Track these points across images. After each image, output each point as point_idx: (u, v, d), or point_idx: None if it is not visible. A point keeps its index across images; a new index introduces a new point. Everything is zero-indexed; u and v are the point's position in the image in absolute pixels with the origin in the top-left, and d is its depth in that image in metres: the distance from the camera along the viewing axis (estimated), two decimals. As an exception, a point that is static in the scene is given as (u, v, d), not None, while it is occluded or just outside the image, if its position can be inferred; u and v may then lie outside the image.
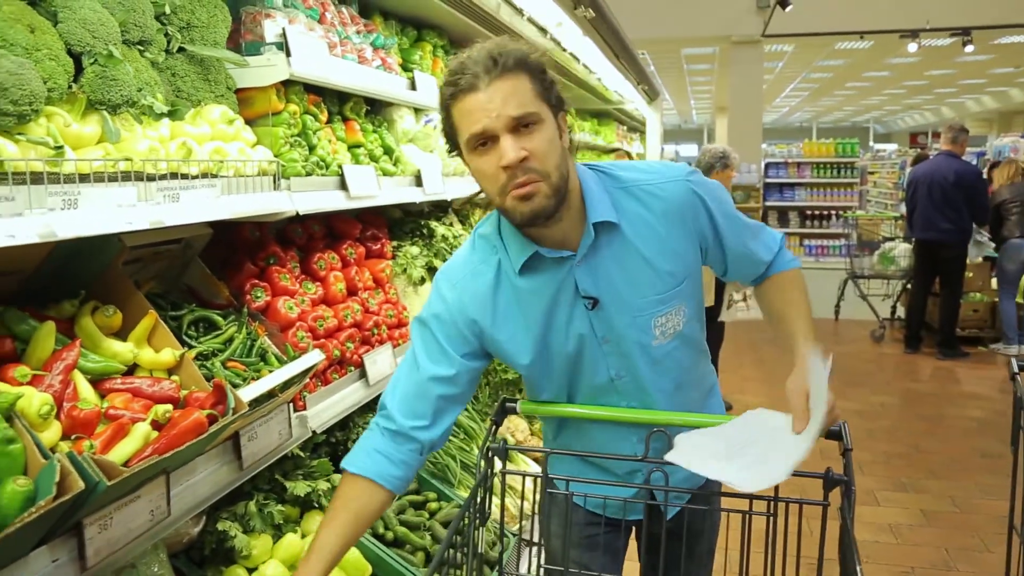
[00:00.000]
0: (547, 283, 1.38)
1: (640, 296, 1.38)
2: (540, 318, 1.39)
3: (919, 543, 3.58)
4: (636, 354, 1.42)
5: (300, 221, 2.21)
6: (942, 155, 6.85)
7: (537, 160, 1.24)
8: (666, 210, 1.38)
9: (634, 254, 1.37)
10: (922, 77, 19.11)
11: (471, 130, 1.24)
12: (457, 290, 1.42)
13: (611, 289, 1.38)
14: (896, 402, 5.81)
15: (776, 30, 11.00)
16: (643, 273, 1.38)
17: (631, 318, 1.39)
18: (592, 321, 1.39)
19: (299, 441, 1.83)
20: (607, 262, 1.37)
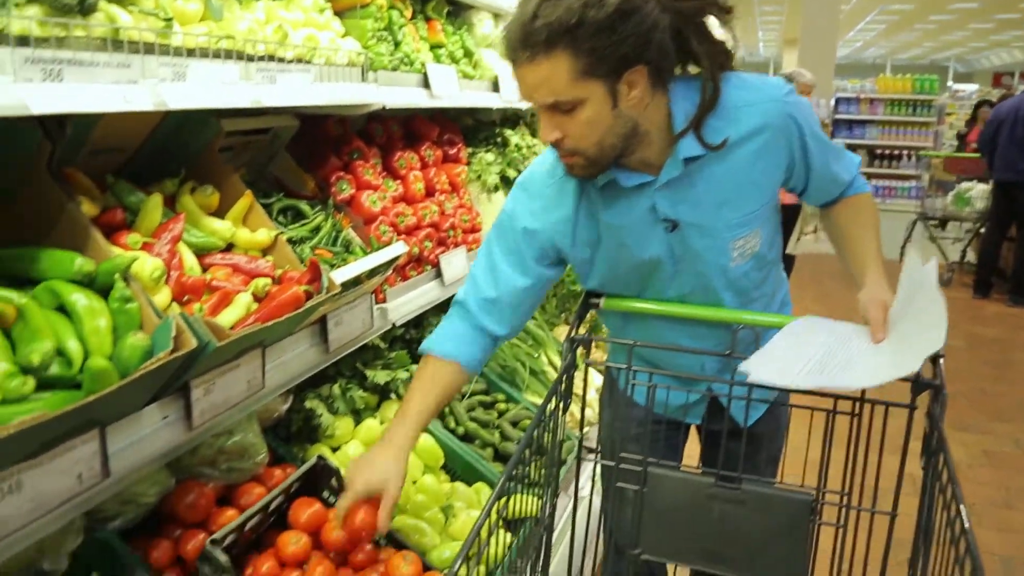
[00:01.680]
0: (627, 203, 1.35)
1: (721, 220, 1.35)
2: (617, 236, 1.38)
3: (980, 482, 3.55)
4: (712, 274, 1.40)
5: (380, 120, 2.22)
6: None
7: (572, 141, 1.22)
8: (760, 133, 1.32)
9: (718, 179, 1.32)
10: (1015, 9, 17.94)
11: (524, 93, 1.22)
12: (539, 200, 1.40)
13: (692, 213, 1.34)
14: (962, 345, 5.68)
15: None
16: (726, 198, 1.34)
17: (710, 241, 1.36)
18: (670, 242, 1.37)
19: (379, 332, 1.89)
20: (690, 187, 1.32)
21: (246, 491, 1.60)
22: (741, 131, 1.30)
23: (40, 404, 1.00)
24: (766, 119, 1.31)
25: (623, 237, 1.37)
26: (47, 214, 1.26)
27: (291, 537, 1.56)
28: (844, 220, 1.49)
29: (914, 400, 1.33)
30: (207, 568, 1.40)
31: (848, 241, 1.46)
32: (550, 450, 1.36)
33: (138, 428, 1.22)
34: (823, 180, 1.47)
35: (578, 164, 1.27)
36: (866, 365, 1.25)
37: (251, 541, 1.62)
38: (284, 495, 1.56)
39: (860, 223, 1.46)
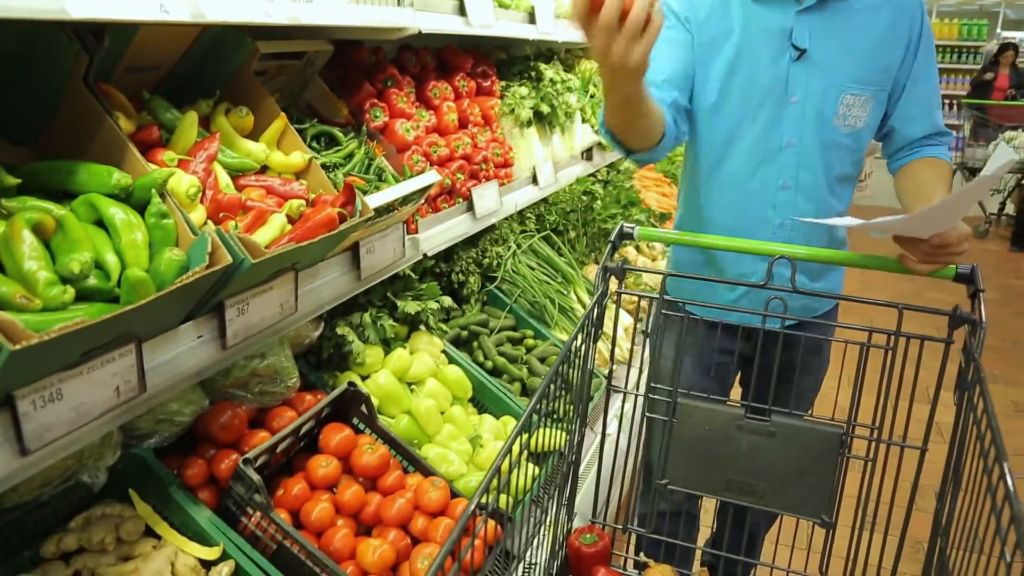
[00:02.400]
0: (768, 18, 1.44)
1: (842, 66, 1.44)
2: (745, 45, 1.45)
3: (1008, 431, 3.51)
4: (813, 125, 1.47)
5: (413, 50, 2.18)
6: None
7: None
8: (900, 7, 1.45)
9: (852, 28, 1.43)
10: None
11: None
12: None
13: (820, 47, 1.43)
14: (996, 297, 5.59)
15: None
16: (856, 44, 1.44)
17: (827, 83, 1.44)
18: (790, 74, 1.45)
19: (411, 262, 1.89)
20: (827, 23, 1.43)
21: (278, 414, 1.63)
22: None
23: (79, 312, 1.02)
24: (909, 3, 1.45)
25: (746, 51, 1.45)
26: (85, 128, 1.26)
27: (321, 460, 1.59)
28: (925, 177, 1.48)
29: (951, 334, 1.31)
30: (240, 487, 1.44)
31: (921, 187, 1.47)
32: (578, 384, 1.36)
33: (174, 345, 1.24)
34: (920, 100, 1.51)
35: None
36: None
37: (282, 464, 1.65)
38: (315, 420, 1.58)
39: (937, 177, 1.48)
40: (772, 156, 1.50)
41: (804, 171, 1.51)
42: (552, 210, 2.77)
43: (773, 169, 1.51)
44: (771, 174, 1.51)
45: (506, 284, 2.41)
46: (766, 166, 1.51)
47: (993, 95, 9.35)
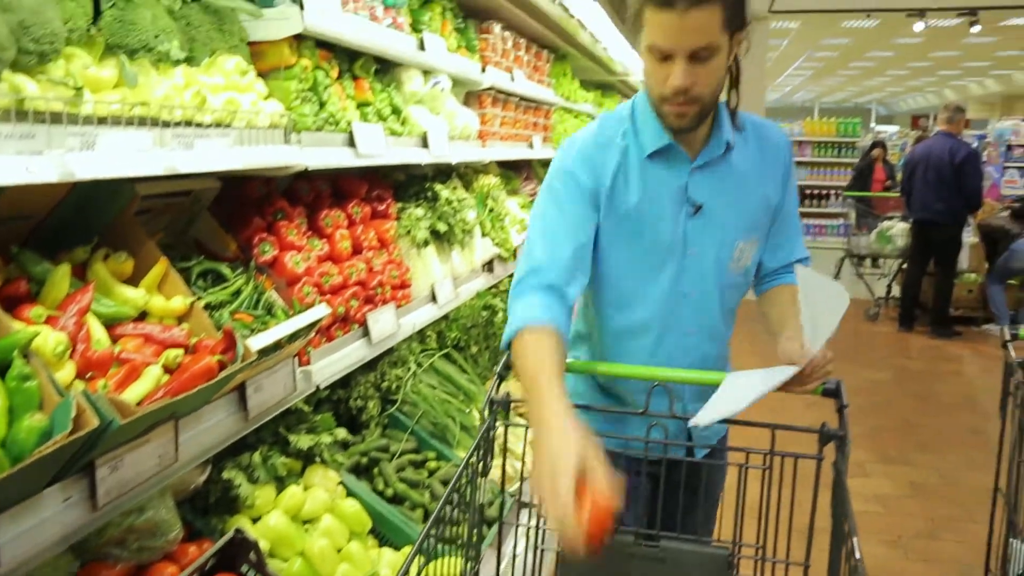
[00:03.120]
0: (662, 179, 1.48)
1: (735, 216, 1.51)
2: (643, 212, 1.48)
3: (906, 513, 3.65)
4: (712, 272, 1.53)
5: (307, 179, 2.22)
6: (938, 135, 6.85)
7: (700, 88, 1.34)
8: (772, 152, 1.55)
9: (740, 177, 1.50)
10: (926, 58, 18.99)
11: (655, 41, 1.32)
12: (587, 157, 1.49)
13: (715, 200, 1.49)
14: (888, 378, 5.87)
15: (782, 7, 10.91)
16: (742, 196, 1.51)
17: (722, 234, 1.51)
18: (687, 228, 1.49)
19: (303, 395, 1.86)
20: (719, 177, 1.49)
21: (158, 571, 1.54)
22: (760, 145, 1.54)
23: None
24: (777, 142, 1.56)
25: (648, 213, 1.48)
26: (-57, 290, 1.22)
27: (208, 615, 1.50)
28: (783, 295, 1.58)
29: (821, 450, 1.37)
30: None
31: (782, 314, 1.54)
32: (469, 520, 1.35)
33: (36, 512, 1.17)
34: (782, 237, 1.61)
35: (692, 112, 1.38)
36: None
37: (166, 621, 1.56)
38: (199, 573, 1.51)
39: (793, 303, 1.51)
40: (676, 304, 1.54)
41: (706, 316, 1.56)
42: (453, 327, 2.80)
43: (677, 316, 1.54)
44: (676, 321, 1.54)
45: (407, 406, 2.39)
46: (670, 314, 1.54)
47: (873, 187, 10.12)
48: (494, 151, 3.25)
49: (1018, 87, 21.78)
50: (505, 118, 3.50)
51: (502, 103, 3.43)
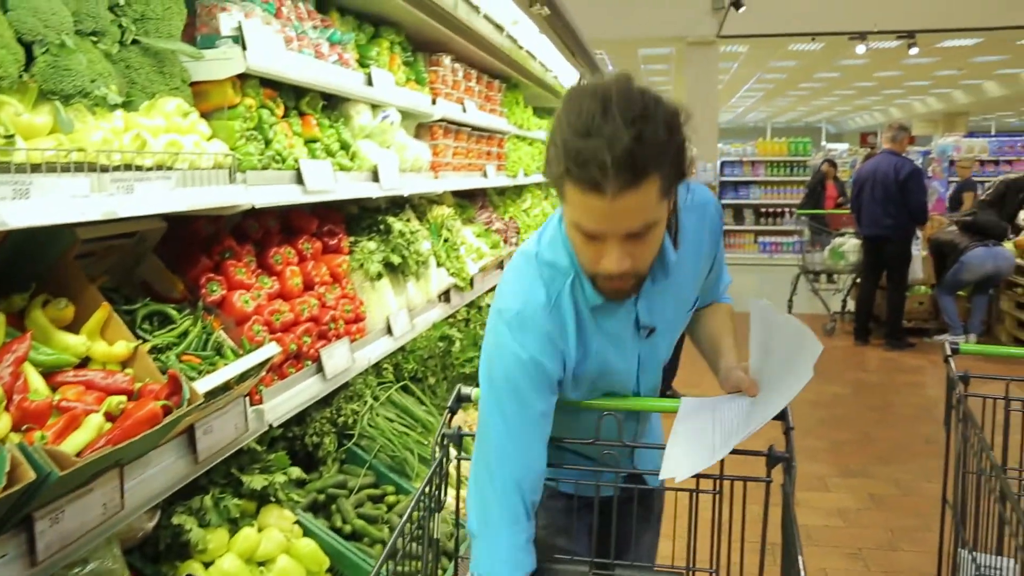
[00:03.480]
0: (615, 320, 1.36)
1: (681, 317, 1.46)
2: (604, 353, 1.37)
3: (866, 525, 3.70)
4: (664, 352, 1.47)
5: (256, 216, 2.21)
6: (883, 153, 7.05)
7: (638, 264, 1.22)
8: (708, 224, 1.43)
9: (683, 276, 1.40)
10: (871, 78, 19.58)
11: (582, 223, 1.17)
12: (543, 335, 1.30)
13: (664, 316, 1.40)
14: (847, 392, 5.97)
15: (730, 31, 11.20)
16: (688, 291, 1.44)
17: (671, 338, 1.46)
18: (641, 349, 1.42)
19: (255, 435, 1.84)
20: (662, 293, 1.37)
21: (107, 621, 1.50)
22: (700, 222, 1.41)
23: None
24: (702, 213, 1.42)
25: (608, 353, 1.37)
26: None
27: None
28: (709, 319, 1.58)
29: (769, 473, 1.39)
30: None
31: (707, 338, 1.56)
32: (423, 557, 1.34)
33: (-31, 572, 1.14)
34: (718, 277, 1.58)
35: (630, 286, 1.26)
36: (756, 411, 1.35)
37: (116, 674, 1.51)
38: (149, 622, 1.47)
39: (721, 322, 1.57)
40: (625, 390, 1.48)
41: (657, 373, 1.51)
42: (410, 358, 2.79)
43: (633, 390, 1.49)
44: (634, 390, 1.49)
45: (364, 440, 2.37)
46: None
47: (826, 204, 10.37)
48: (447, 182, 3.27)
49: (958, 105, 22.55)
50: (458, 148, 3.53)
51: (454, 134, 3.46)
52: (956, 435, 1.96)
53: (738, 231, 13.38)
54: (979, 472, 1.82)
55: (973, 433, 1.80)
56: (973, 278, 6.93)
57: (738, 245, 13.26)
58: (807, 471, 4.36)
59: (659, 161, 1.11)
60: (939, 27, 11.05)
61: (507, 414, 1.30)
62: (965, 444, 1.88)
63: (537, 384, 1.29)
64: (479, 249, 3.63)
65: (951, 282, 7.04)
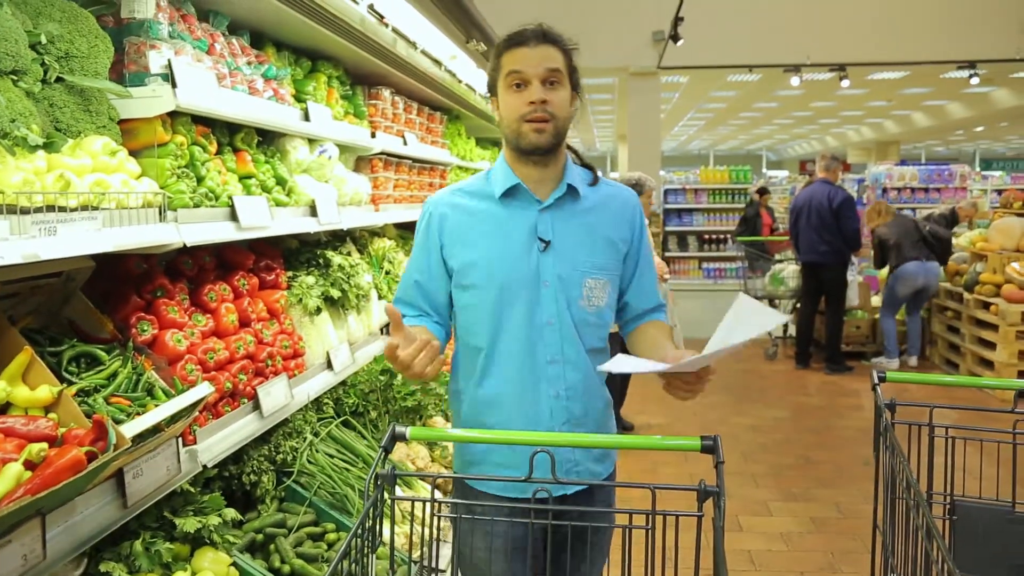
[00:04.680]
0: (516, 216, 1.71)
1: (581, 255, 1.71)
2: (503, 242, 1.70)
3: (808, 549, 3.77)
4: (564, 306, 1.70)
5: (191, 252, 2.18)
6: (818, 182, 7.30)
7: (553, 107, 1.63)
8: (619, 205, 1.79)
9: (585, 221, 1.73)
10: (807, 108, 20.28)
11: (514, 67, 1.63)
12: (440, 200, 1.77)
13: (561, 238, 1.70)
14: (788, 416, 6.10)
15: (670, 63, 11.50)
16: (588, 237, 1.72)
17: (571, 269, 1.70)
18: (539, 262, 1.69)
19: (189, 476, 1.80)
20: (564, 218, 1.72)
21: (27, 678, 1.44)
22: (608, 197, 1.79)
23: None
24: (625, 198, 1.81)
25: (508, 242, 1.70)
26: None
27: None
28: (654, 333, 1.81)
29: (700, 507, 1.41)
30: None
31: (653, 338, 1.79)
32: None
33: None
34: (641, 284, 1.83)
35: (549, 129, 1.64)
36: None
37: None
38: (71, 677, 1.42)
39: (660, 329, 1.82)
40: (538, 334, 1.69)
41: (568, 345, 1.70)
42: (351, 392, 2.77)
43: (540, 345, 1.68)
44: (539, 350, 1.69)
45: (304, 477, 2.34)
46: (533, 343, 1.69)
47: (763, 231, 10.66)
48: (388, 214, 3.28)
49: (890, 134, 23.49)
50: (399, 180, 3.54)
51: (395, 166, 3.48)
52: (884, 462, 2.02)
53: (683, 257, 13.63)
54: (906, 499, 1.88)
55: (899, 462, 1.86)
56: (907, 291, 7.18)
57: (683, 271, 13.51)
58: (750, 496, 4.43)
59: (565, 50, 1.68)
60: (868, 61, 11.53)
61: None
62: (892, 471, 1.94)
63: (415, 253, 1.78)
64: (422, 281, 3.63)
65: (889, 299, 7.28)
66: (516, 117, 1.63)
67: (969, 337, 7.06)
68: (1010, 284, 6.68)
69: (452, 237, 1.72)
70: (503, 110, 1.68)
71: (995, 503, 2.06)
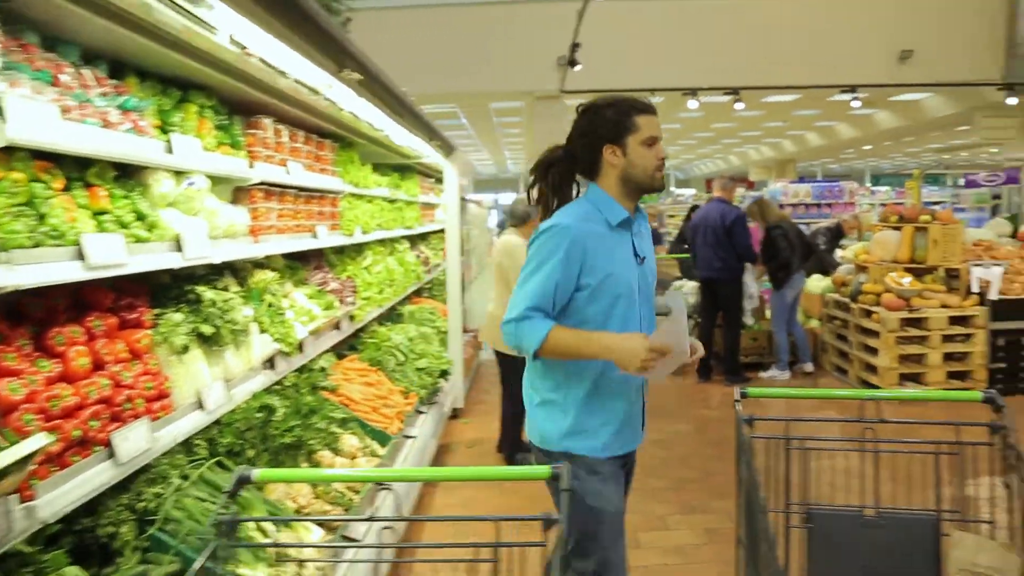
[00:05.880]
0: (623, 238, 2.25)
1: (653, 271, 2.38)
2: (619, 255, 2.21)
3: (703, 561, 3.86)
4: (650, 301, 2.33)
5: (41, 294, 2.07)
6: (714, 201, 7.57)
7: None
8: (648, 225, 2.43)
9: (647, 239, 2.37)
10: (708, 129, 21.07)
11: (652, 133, 2.19)
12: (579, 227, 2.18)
13: (646, 253, 2.31)
14: (690, 429, 6.25)
15: (572, 87, 11.76)
16: (651, 255, 2.38)
17: (652, 278, 2.36)
18: (639, 274, 2.26)
19: (25, 535, 1.69)
20: (640, 236, 2.31)
21: None
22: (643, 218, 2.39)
23: None
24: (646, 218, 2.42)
25: (622, 255, 2.22)
26: None
27: None
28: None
29: (544, 537, 1.43)
30: None
31: None
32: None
33: None
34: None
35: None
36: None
37: None
38: None
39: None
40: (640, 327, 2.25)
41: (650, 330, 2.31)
42: (226, 432, 2.68)
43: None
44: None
45: (171, 524, 2.24)
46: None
47: (658, 250, 10.98)
48: (269, 245, 3.20)
49: (787, 153, 24.63)
50: (283, 211, 3.47)
51: (277, 196, 3.41)
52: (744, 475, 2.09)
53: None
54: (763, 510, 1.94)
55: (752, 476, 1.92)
56: (794, 294, 7.53)
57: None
58: (649, 510, 4.51)
59: None
60: (758, 84, 12.08)
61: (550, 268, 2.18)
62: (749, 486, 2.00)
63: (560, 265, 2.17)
64: (310, 311, 3.56)
65: (780, 306, 7.56)
66: (653, 167, 2.19)
67: (856, 344, 7.42)
68: (889, 293, 7.07)
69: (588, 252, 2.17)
70: (638, 160, 2.18)
71: (847, 509, 2.16)
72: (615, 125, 2.18)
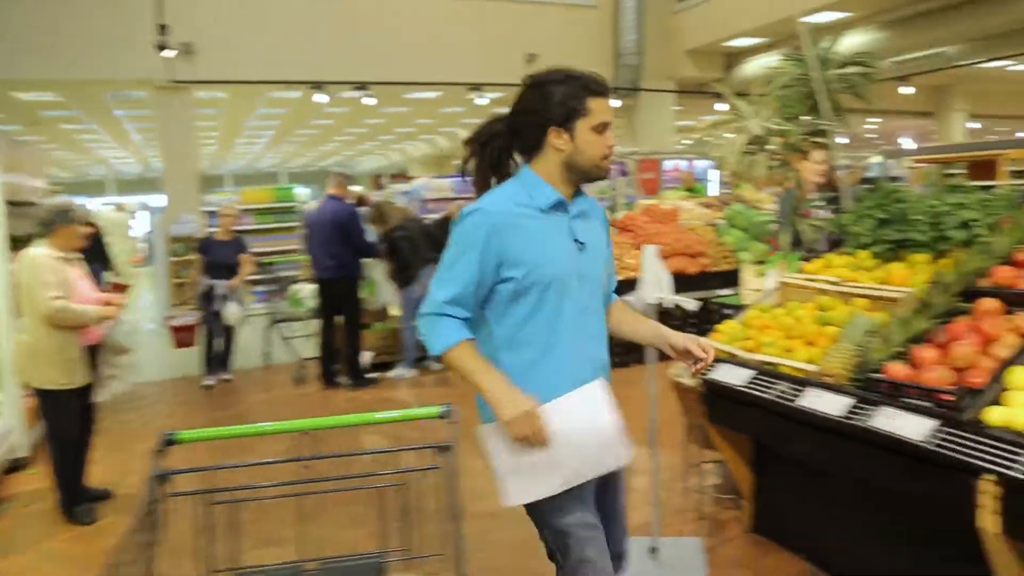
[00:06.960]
0: (559, 222, 2.04)
1: (601, 260, 2.15)
2: (552, 242, 2.01)
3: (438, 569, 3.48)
4: (597, 292, 2.12)
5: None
6: (328, 199, 7.25)
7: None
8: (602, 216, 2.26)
9: (596, 228, 2.16)
10: (361, 125, 20.97)
11: (604, 118, 1.98)
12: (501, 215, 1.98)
13: (588, 240, 2.08)
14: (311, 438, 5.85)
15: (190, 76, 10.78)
16: (601, 246, 2.16)
17: (597, 265, 2.12)
18: (580, 261, 2.04)
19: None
20: (583, 222, 2.10)
21: None
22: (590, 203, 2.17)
23: None
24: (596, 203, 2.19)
25: (549, 250, 2.00)
26: None
27: None
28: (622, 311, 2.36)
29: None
30: None
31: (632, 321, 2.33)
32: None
33: None
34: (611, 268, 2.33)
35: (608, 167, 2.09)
36: None
37: None
38: None
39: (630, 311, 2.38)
40: (584, 313, 2.07)
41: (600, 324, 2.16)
42: None
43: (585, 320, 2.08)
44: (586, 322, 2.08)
45: None
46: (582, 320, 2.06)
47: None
48: None
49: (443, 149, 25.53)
50: None
51: None
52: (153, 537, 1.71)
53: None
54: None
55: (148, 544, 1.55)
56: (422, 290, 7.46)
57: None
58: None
59: None
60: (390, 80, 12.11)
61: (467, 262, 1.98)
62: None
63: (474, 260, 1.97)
64: None
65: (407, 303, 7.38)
66: (601, 156, 2.00)
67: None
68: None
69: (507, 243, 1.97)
70: (585, 147, 1.98)
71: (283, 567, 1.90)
72: (564, 108, 1.95)
